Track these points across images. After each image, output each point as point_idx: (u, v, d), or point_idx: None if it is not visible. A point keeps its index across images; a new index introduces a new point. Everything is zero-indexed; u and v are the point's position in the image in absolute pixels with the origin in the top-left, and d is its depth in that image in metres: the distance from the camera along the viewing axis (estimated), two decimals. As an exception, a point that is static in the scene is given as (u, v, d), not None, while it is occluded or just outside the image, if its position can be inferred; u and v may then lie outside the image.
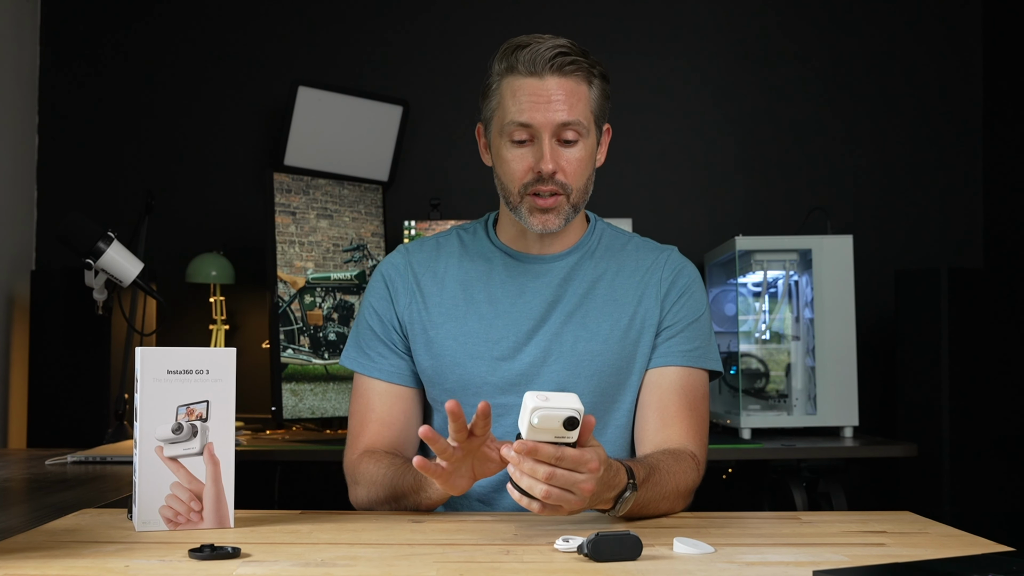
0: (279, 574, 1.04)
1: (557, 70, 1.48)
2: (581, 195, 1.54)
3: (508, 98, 1.50)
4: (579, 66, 1.49)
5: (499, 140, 1.53)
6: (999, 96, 3.42)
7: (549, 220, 1.53)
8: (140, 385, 1.23)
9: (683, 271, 1.62)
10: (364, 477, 1.51)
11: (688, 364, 1.56)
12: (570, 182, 1.51)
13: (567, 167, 1.50)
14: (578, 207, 1.55)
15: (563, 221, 1.54)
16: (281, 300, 3.01)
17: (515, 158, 1.51)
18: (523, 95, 1.48)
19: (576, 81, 1.49)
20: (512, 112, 1.49)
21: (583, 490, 1.18)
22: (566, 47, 1.49)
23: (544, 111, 1.47)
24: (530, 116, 1.47)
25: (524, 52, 1.48)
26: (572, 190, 1.52)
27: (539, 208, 1.51)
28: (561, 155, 1.50)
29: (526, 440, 1.15)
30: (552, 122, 1.47)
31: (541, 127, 1.48)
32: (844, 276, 2.87)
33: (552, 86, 1.48)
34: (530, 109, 1.47)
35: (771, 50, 3.53)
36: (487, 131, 1.57)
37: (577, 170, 1.51)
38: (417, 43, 3.53)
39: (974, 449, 2.90)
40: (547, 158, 1.48)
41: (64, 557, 1.10)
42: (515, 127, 1.49)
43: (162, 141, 3.50)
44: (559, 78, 1.48)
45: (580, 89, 1.50)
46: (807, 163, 3.51)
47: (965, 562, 1.06)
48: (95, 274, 2.48)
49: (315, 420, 3.09)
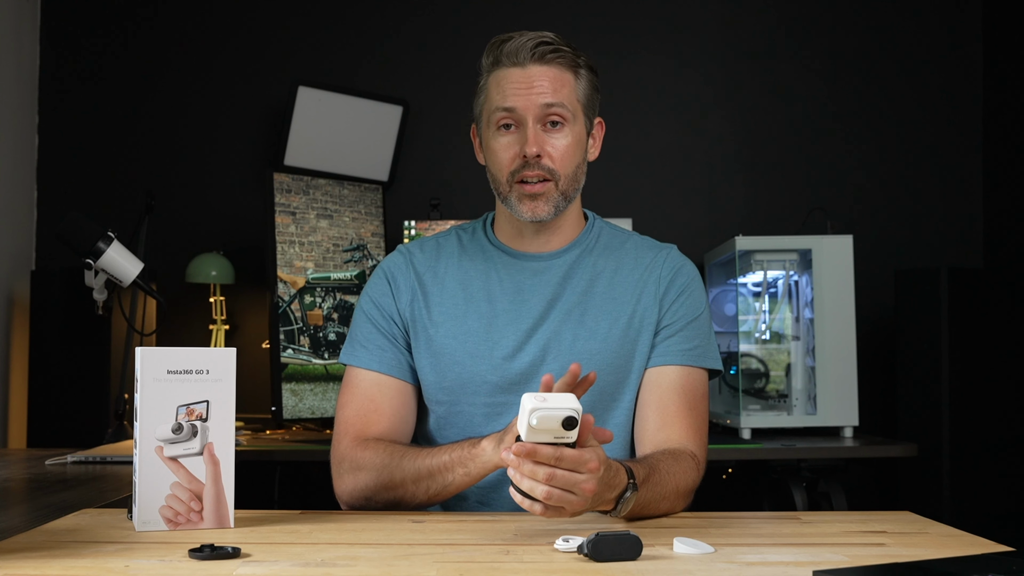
0: (279, 574, 1.04)
1: (539, 59, 1.52)
2: (570, 183, 1.55)
3: (493, 88, 1.54)
4: (561, 54, 1.52)
5: (487, 132, 1.55)
6: (999, 96, 3.42)
7: (538, 207, 1.53)
8: (140, 385, 1.23)
9: (682, 270, 1.62)
10: (369, 462, 1.48)
11: (687, 363, 1.56)
12: (557, 168, 1.52)
13: (553, 152, 1.52)
14: (568, 196, 1.55)
15: (553, 209, 1.54)
16: (281, 300, 3.01)
17: (501, 147, 1.53)
18: (507, 83, 1.52)
19: (559, 68, 1.52)
20: (496, 100, 1.52)
21: (584, 490, 1.18)
22: (548, 38, 1.53)
23: (526, 95, 1.50)
24: (513, 101, 1.51)
25: (507, 45, 1.52)
26: (560, 176, 1.53)
27: (527, 195, 1.53)
28: (546, 140, 1.52)
29: (525, 442, 1.15)
30: (535, 104, 1.50)
31: (525, 110, 1.50)
32: (844, 276, 2.87)
33: (535, 73, 1.51)
34: (513, 95, 1.51)
35: (771, 50, 3.53)
36: (479, 128, 1.60)
37: (564, 156, 1.53)
38: (417, 43, 3.53)
39: (974, 449, 2.90)
40: (531, 140, 1.50)
41: (64, 557, 1.10)
42: (500, 113, 1.52)
43: (162, 141, 3.50)
44: (541, 66, 1.52)
45: (564, 76, 1.53)
46: (807, 163, 3.51)
47: (965, 562, 1.06)
48: (95, 274, 2.48)
49: (315, 420, 3.09)
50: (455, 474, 1.41)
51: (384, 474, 1.47)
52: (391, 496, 1.47)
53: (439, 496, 1.45)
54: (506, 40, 1.53)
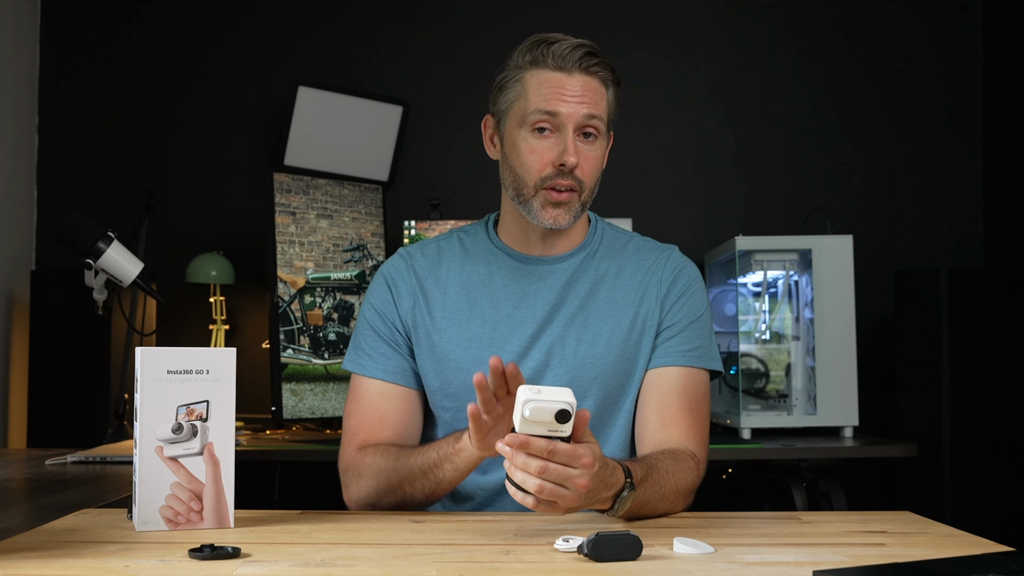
0: (279, 574, 1.04)
1: (585, 68, 1.50)
2: (590, 194, 1.56)
3: (533, 89, 1.51)
4: (603, 67, 1.52)
5: (517, 131, 1.52)
6: (999, 96, 3.42)
7: (560, 215, 1.53)
8: (140, 385, 1.23)
9: (683, 271, 1.61)
10: (369, 468, 1.49)
11: (688, 364, 1.55)
12: (586, 179, 1.52)
13: (585, 164, 1.52)
14: (586, 206, 1.56)
15: (572, 218, 1.54)
16: (281, 300, 3.01)
17: (534, 149, 1.51)
18: (549, 87, 1.50)
19: (599, 81, 1.52)
20: (537, 101, 1.50)
21: (577, 485, 1.17)
22: (592, 47, 1.52)
23: (570, 103, 1.49)
24: (557, 106, 1.49)
25: (552, 47, 1.50)
26: (586, 188, 1.53)
27: (552, 202, 1.52)
28: (582, 151, 1.51)
29: (518, 433, 1.15)
30: (578, 113, 1.49)
31: (567, 118, 1.49)
32: (844, 276, 2.87)
33: (579, 82, 1.50)
34: (557, 100, 1.49)
35: (771, 50, 3.53)
36: (501, 123, 1.57)
37: (593, 168, 1.53)
38: (417, 43, 3.52)
39: (974, 449, 2.90)
40: (570, 150, 1.49)
41: (64, 557, 1.10)
42: (540, 115, 1.49)
43: (162, 141, 3.50)
44: (585, 76, 1.50)
45: (602, 89, 1.52)
46: (807, 163, 3.51)
47: (965, 562, 1.06)
48: (95, 274, 2.48)
49: (315, 420, 3.09)
50: (444, 470, 1.41)
51: (383, 478, 1.47)
52: (394, 499, 1.48)
53: (436, 493, 1.45)
54: (553, 42, 1.51)
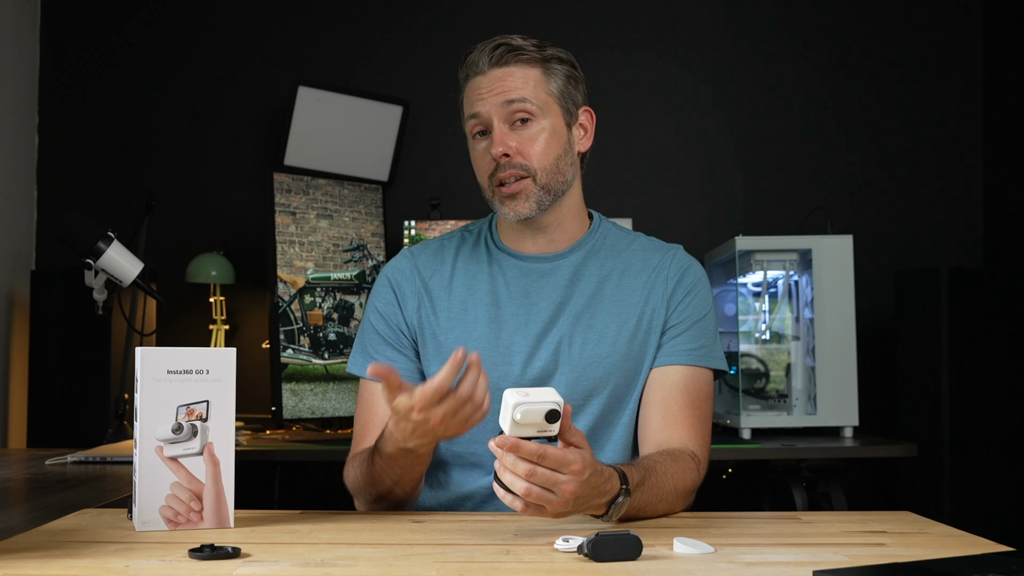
0: (279, 574, 1.04)
1: (496, 62, 1.53)
2: (551, 176, 1.53)
3: (464, 102, 1.57)
4: (520, 53, 1.53)
5: (469, 144, 1.58)
6: (999, 97, 3.42)
7: (518, 205, 1.53)
8: (140, 385, 1.23)
9: (689, 270, 1.61)
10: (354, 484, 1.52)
11: (692, 363, 1.55)
12: (531, 163, 1.52)
13: (523, 147, 1.52)
14: (552, 190, 1.54)
15: (535, 205, 1.53)
16: (281, 300, 3.01)
17: (478, 154, 1.56)
18: (471, 94, 1.55)
19: (521, 66, 1.53)
20: (466, 111, 1.55)
21: (564, 491, 1.17)
22: (508, 42, 1.53)
23: (486, 99, 1.52)
24: (477, 106, 1.53)
25: (469, 57, 1.55)
26: (536, 171, 1.52)
27: (505, 195, 1.53)
28: (514, 137, 1.52)
29: (508, 436, 1.16)
30: (495, 104, 1.51)
31: (488, 113, 1.52)
32: (844, 276, 2.87)
33: (495, 76, 1.53)
34: (476, 101, 1.53)
35: (771, 50, 3.53)
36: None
37: (538, 150, 1.52)
38: (417, 43, 3.52)
39: (974, 449, 2.90)
40: (495, 141, 1.52)
41: (64, 557, 1.10)
42: (471, 122, 1.55)
43: (162, 141, 3.50)
44: (501, 68, 1.53)
45: (528, 72, 1.53)
46: (807, 163, 3.51)
47: (965, 562, 1.06)
48: (95, 274, 2.48)
49: (315, 420, 3.09)
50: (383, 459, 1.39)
51: (362, 482, 1.48)
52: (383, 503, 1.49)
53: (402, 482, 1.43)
54: (469, 52, 1.55)
